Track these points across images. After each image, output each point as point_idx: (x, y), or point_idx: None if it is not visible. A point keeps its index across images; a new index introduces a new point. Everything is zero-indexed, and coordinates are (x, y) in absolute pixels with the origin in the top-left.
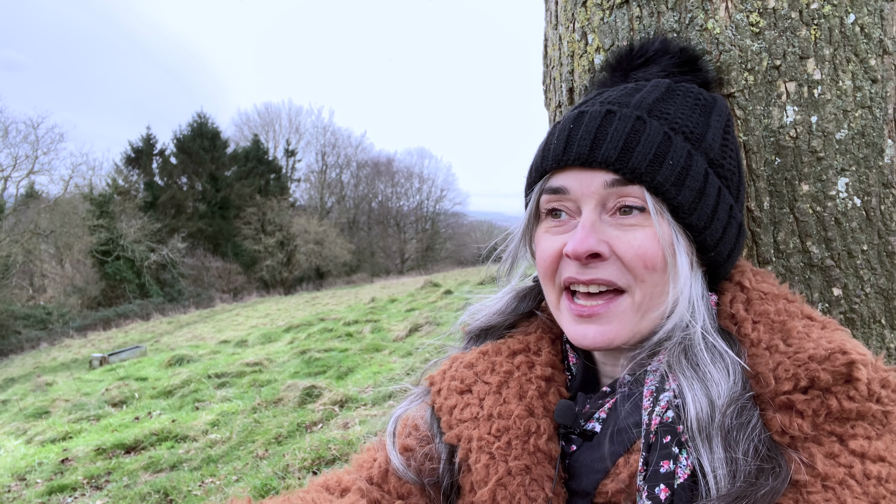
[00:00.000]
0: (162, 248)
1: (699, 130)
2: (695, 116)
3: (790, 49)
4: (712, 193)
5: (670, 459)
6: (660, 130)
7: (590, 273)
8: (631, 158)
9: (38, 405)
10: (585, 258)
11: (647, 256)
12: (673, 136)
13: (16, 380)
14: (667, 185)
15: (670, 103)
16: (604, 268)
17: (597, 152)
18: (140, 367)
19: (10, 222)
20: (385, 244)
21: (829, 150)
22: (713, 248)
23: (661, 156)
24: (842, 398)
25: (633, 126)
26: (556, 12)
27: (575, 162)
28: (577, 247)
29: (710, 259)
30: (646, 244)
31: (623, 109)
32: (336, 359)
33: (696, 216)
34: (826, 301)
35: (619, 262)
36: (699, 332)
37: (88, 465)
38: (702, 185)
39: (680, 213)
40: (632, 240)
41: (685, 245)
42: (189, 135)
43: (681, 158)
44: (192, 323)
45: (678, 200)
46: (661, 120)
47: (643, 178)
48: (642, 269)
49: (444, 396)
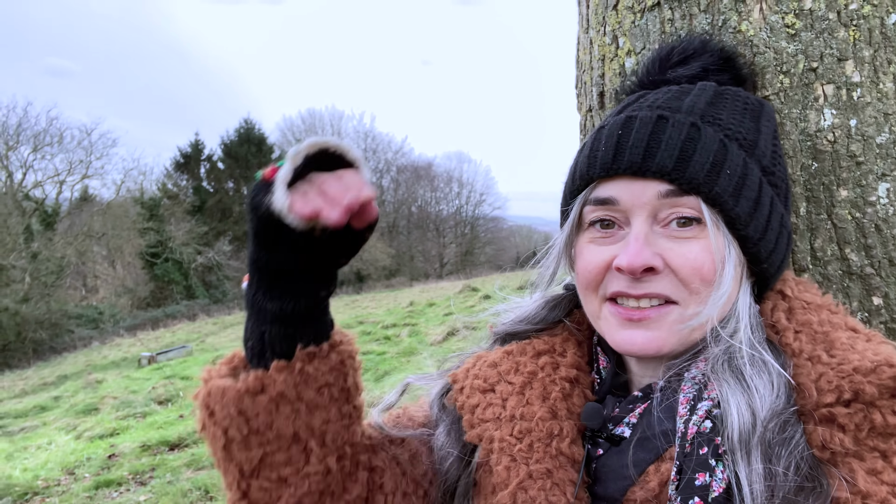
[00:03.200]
0: (208, 250)
1: (752, 137)
2: (746, 122)
3: (827, 51)
4: (766, 203)
5: (706, 472)
6: (715, 138)
7: (642, 288)
8: (688, 168)
9: (88, 402)
10: (640, 273)
11: (703, 270)
12: (728, 143)
13: (68, 377)
14: (724, 196)
15: (721, 108)
16: (657, 281)
17: (651, 161)
18: (186, 367)
19: (65, 225)
20: (424, 248)
21: (870, 155)
22: (766, 259)
23: (718, 165)
24: (886, 413)
25: (689, 133)
26: (588, 16)
27: (627, 171)
28: (633, 261)
29: (762, 270)
30: (702, 257)
31: (676, 115)
32: (374, 361)
33: (752, 227)
34: (866, 310)
35: (672, 276)
36: (745, 343)
37: (134, 461)
38: (757, 194)
39: (736, 225)
40: (687, 252)
41: (735, 256)
42: (236, 140)
43: (738, 167)
44: (237, 324)
45: (735, 212)
46: (714, 126)
47: (701, 189)
48: (698, 283)
49: (466, 395)
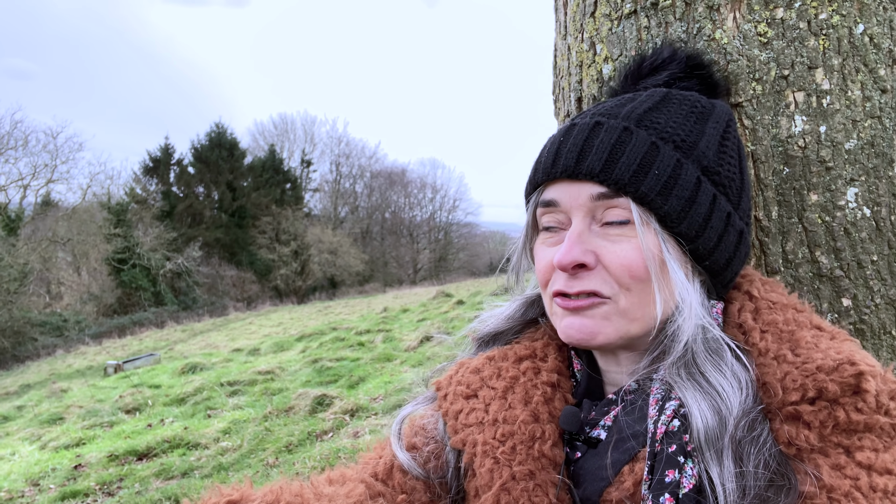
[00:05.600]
0: (178, 256)
1: (691, 138)
2: (688, 124)
3: (798, 59)
4: (704, 202)
5: (675, 469)
6: (646, 140)
7: (577, 285)
8: (615, 170)
9: (53, 411)
10: (571, 268)
11: (632, 267)
12: (661, 145)
13: (31, 386)
14: (651, 195)
15: (662, 112)
16: (589, 278)
17: (582, 164)
18: (154, 375)
19: (29, 230)
20: (398, 254)
21: (839, 160)
22: (708, 255)
23: (646, 166)
24: (849, 410)
25: (619, 137)
26: (566, 22)
27: (562, 174)
28: (563, 258)
29: (707, 267)
30: (631, 255)
31: (610, 121)
32: (347, 368)
33: (686, 225)
34: (835, 312)
35: (605, 273)
36: (700, 343)
37: (101, 471)
38: (692, 193)
39: (668, 223)
40: (618, 250)
41: (677, 254)
42: (207, 145)
43: (667, 168)
44: (206, 331)
45: (664, 210)
46: (649, 130)
47: (627, 189)
48: (628, 279)
49: (450, 401)
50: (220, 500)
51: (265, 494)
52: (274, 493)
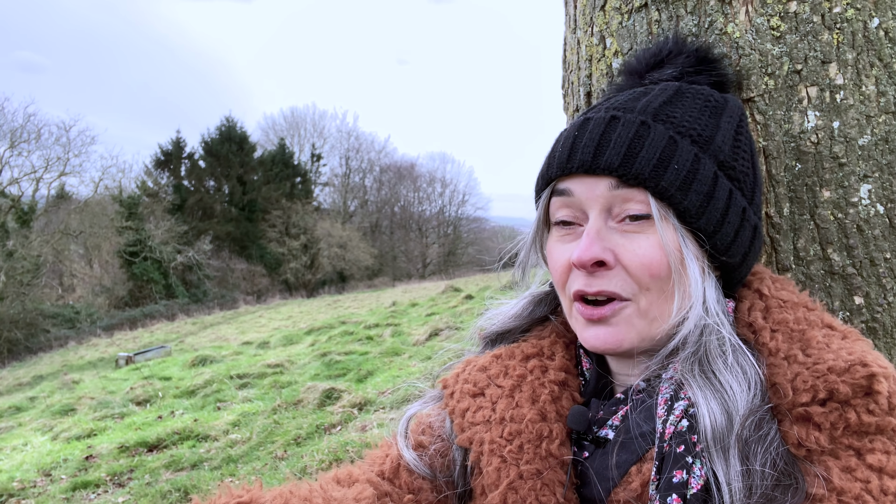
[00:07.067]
0: (188, 249)
1: (707, 133)
2: (704, 119)
3: (812, 53)
4: (722, 196)
5: (683, 469)
6: (664, 134)
7: (596, 284)
8: (634, 164)
9: (65, 402)
10: (591, 266)
11: (651, 265)
12: (679, 139)
13: (44, 377)
14: (672, 190)
15: (678, 106)
16: (609, 277)
17: (600, 159)
18: (164, 367)
19: (41, 223)
20: (407, 248)
21: (852, 157)
22: (725, 251)
23: (665, 160)
24: (861, 411)
25: (637, 131)
26: (575, 16)
27: (579, 169)
28: (582, 254)
29: (724, 263)
30: (651, 252)
31: (627, 115)
32: (356, 362)
33: (705, 220)
34: (847, 310)
35: (624, 272)
36: (714, 340)
37: (112, 462)
38: (710, 188)
39: (687, 218)
40: (636, 248)
41: (694, 249)
42: (217, 138)
43: (686, 162)
44: (216, 324)
45: (684, 205)
46: (666, 124)
47: (647, 184)
48: (647, 278)
49: (456, 399)
50: (230, 501)
51: (274, 498)
52: (283, 497)
